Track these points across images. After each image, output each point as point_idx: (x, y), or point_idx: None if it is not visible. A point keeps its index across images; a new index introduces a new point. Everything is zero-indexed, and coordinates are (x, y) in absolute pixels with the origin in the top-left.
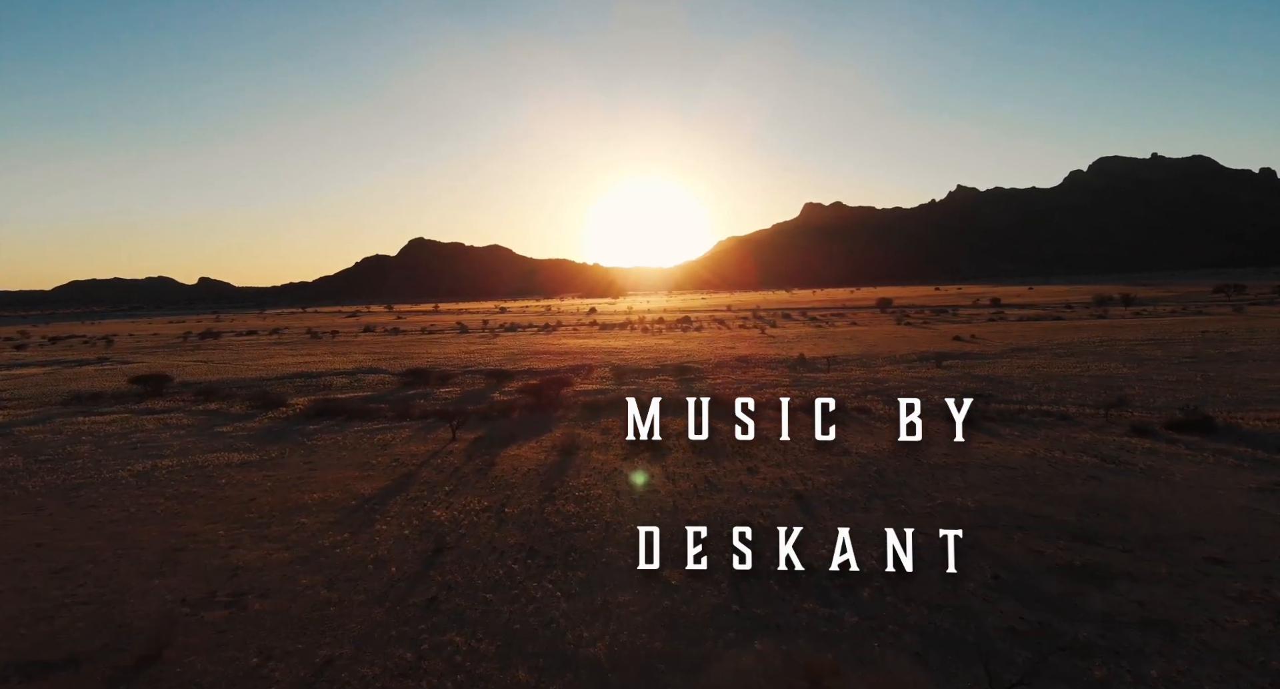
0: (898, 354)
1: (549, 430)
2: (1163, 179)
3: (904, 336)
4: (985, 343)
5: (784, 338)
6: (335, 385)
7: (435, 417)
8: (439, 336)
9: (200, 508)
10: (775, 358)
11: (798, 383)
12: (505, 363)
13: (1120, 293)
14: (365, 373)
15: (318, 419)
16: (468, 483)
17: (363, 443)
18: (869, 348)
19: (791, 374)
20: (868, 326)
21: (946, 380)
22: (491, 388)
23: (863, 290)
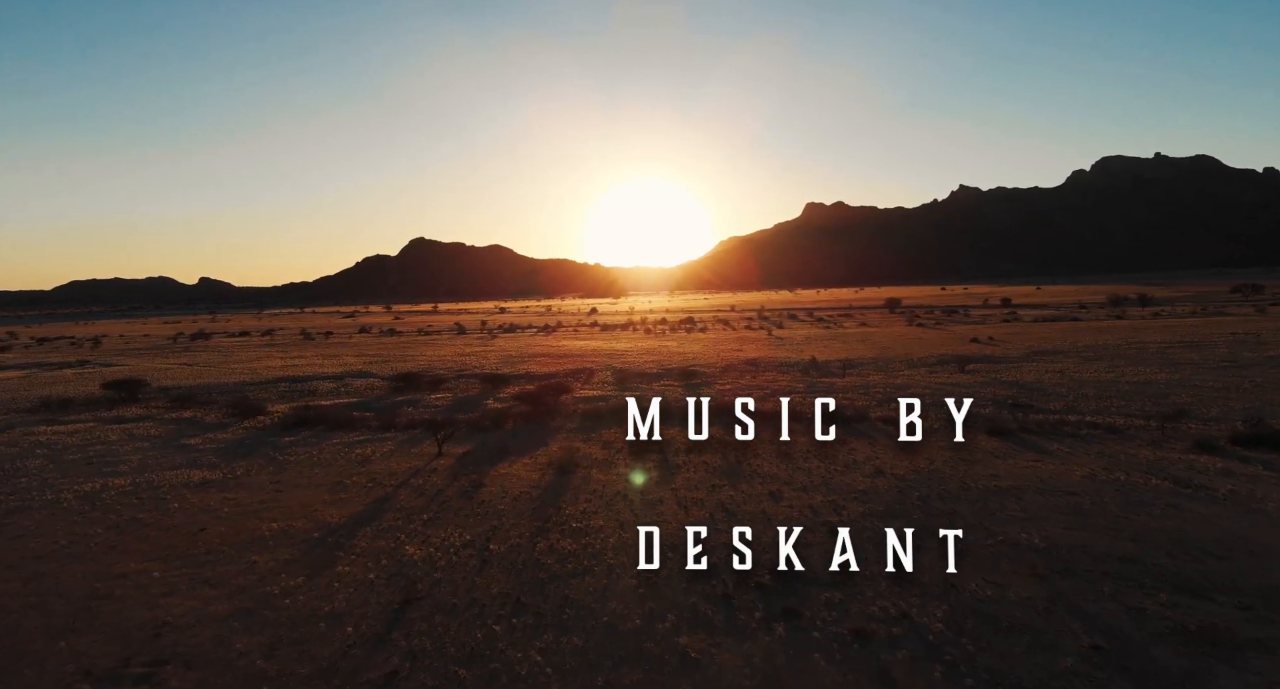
0: (915, 357)
1: (545, 444)
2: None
3: (918, 338)
4: (1005, 345)
5: (792, 339)
6: (321, 391)
7: (422, 427)
8: (435, 338)
9: (141, 540)
10: (785, 361)
11: (812, 389)
12: (502, 366)
13: (1136, 293)
14: (354, 377)
15: (295, 429)
16: (450, 509)
17: (339, 458)
18: (883, 350)
19: (805, 379)
20: (879, 328)
21: (973, 387)
22: (485, 394)
23: (867, 290)
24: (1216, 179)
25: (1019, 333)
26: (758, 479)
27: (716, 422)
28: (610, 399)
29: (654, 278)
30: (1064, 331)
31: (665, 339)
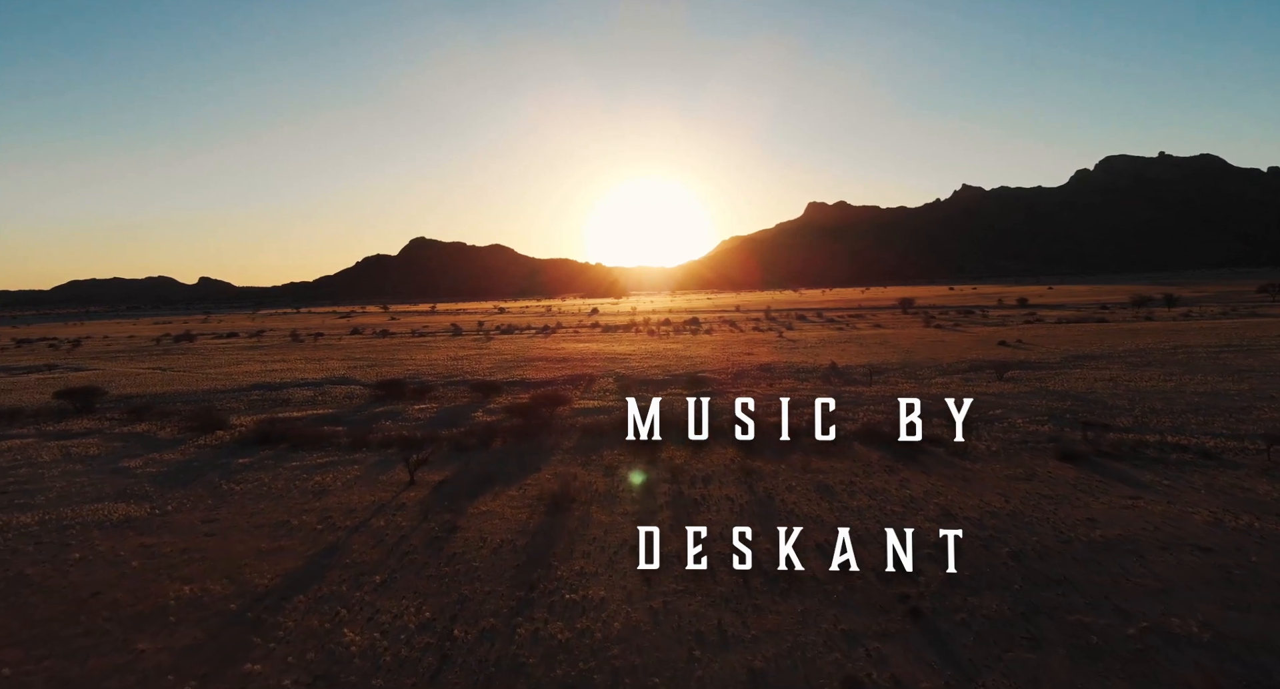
0: (944, 362)
1: (537, 468)
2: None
3: (940, 341)
4: (1038, 349)
5: (805, 342)
6: (295, 400)
7: (397, 446)
8: (429, 340)
9: (14, 610)
10: (802, 366)
11: (839, 399)
12: (495, 372)
13: (1161, 293)
14: (334, 384)
15: (254, 448)
16: (411, 566)
17: (293, 487)
18: (907, 354)
19: (827, 387)
20: (895, 329)
21: (1021, 398)
22: (475, 404)
23: (873, 290)
24: (1221, 178)
25: (1047, 335)
26: (794, 521)
27: (731, 436)
28: (613, 411)
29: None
30: (1095, 334)
31: (670, 341)
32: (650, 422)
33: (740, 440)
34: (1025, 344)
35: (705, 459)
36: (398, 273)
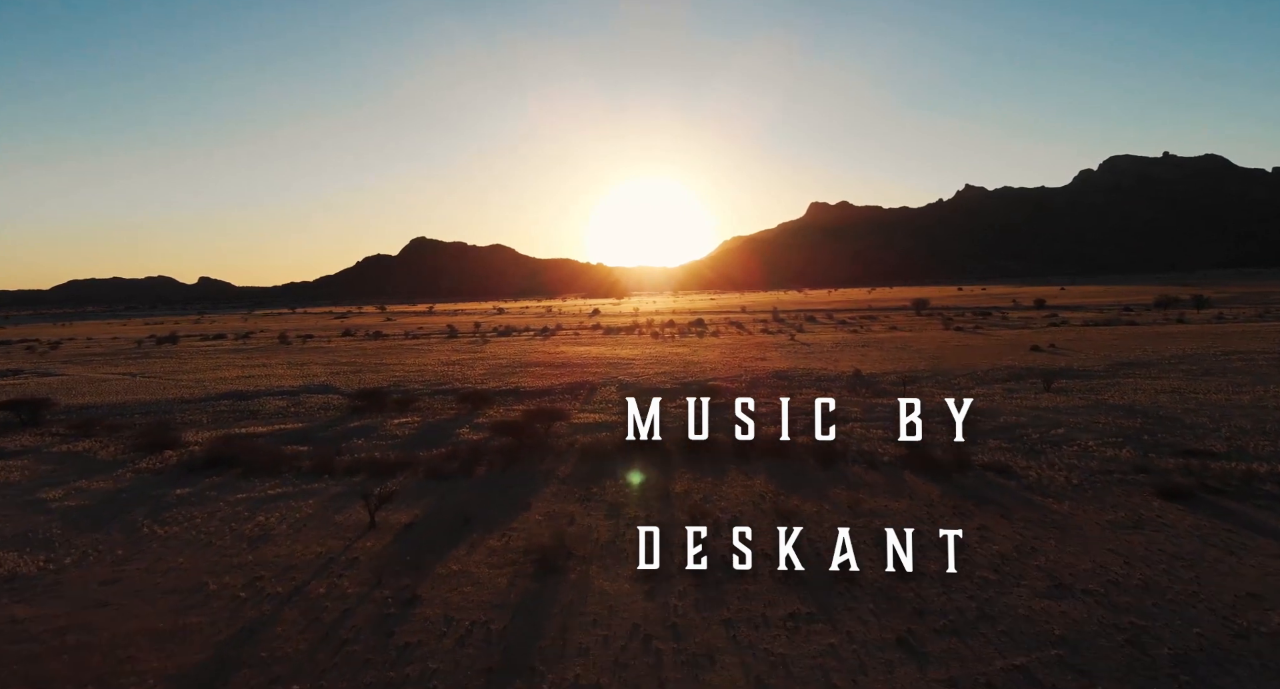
0: (978, 369)
1: (526, 504)
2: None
3: (966, 345)
4: (1075, 355)
5: (819, 346)
6: (266, 411)
7: (366, 473)
8: (422, 343)
9: None
10: (823, 374)
11: (872, 415)
12: (488, 379)
13: (1189, 295)
14: (312, 392)
15: (201, 474)
16: (347, 667)
17: (230, 530)
18: (935, 361)
19: (857, 400)
20: (914, 332)
21: (1080, 413)
22: (461, 418)
23: (879, 290)
24: (1226, 178)
25: (1079, 339)
26: (857, 624)
27: (756, 463)
28: (616, 427)
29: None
30: (1130, 338)
31: (675, 345)
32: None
33: (767, 465)
34: (1060, 349)
35: (727, 492)
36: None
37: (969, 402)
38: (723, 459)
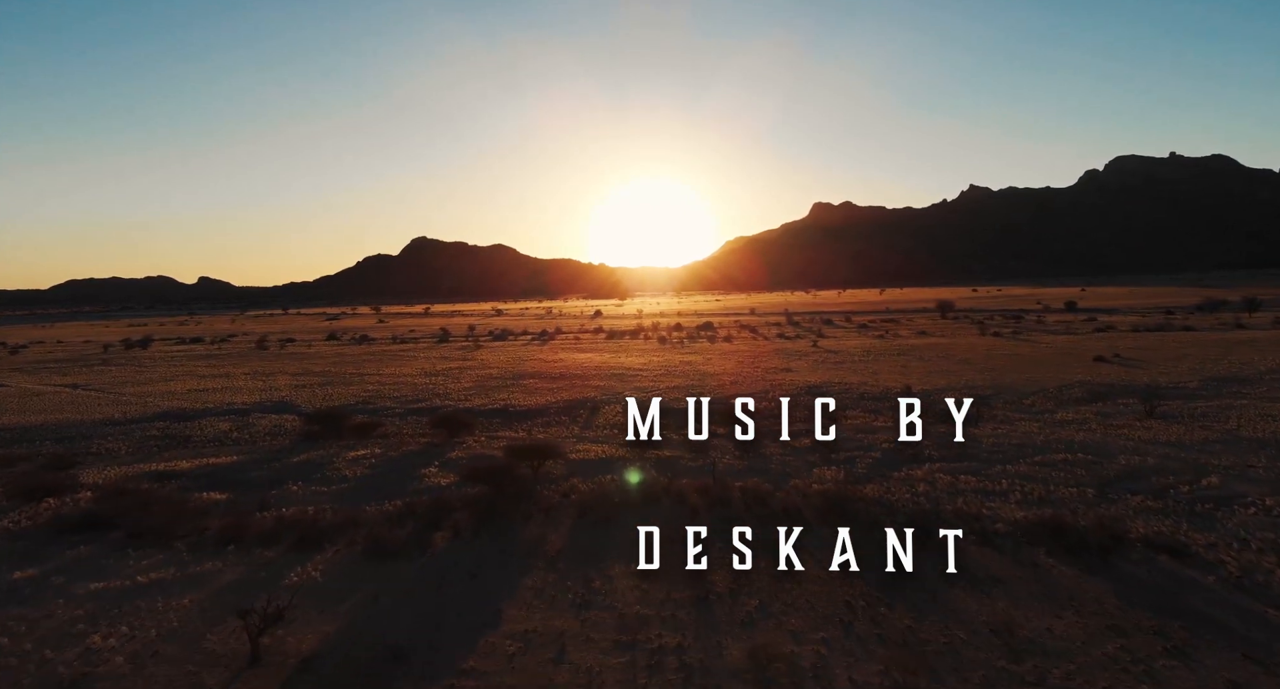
0: (1046, 385)
1: (492, 619)
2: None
3: (1016, 355)
4: (1152, 367)
5: (848, 354)
6: (202, 436)
7: (287, 544)
8: (409, 348)
9: None
10: (866, 391)
11: (954, 452)
12: (473, 394)
13: (1241, 297)
14: (265, 411)
15: (69, 539)
16: None
17: (40, 656)
18: (991, 373)
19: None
20: (948, 338)
21: (1218, 452)
22: (430, 452)
23: (889, 292)
24: (1232, 178)
25: (1140, 346)
26: None
27: (818, 529)
28: (620, 465)
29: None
30: (1198, 346)
31: (685, 351)
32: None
33: (842, 555)
34: (1129, 360)
35: (801, 597)
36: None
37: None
38: (772, 519)
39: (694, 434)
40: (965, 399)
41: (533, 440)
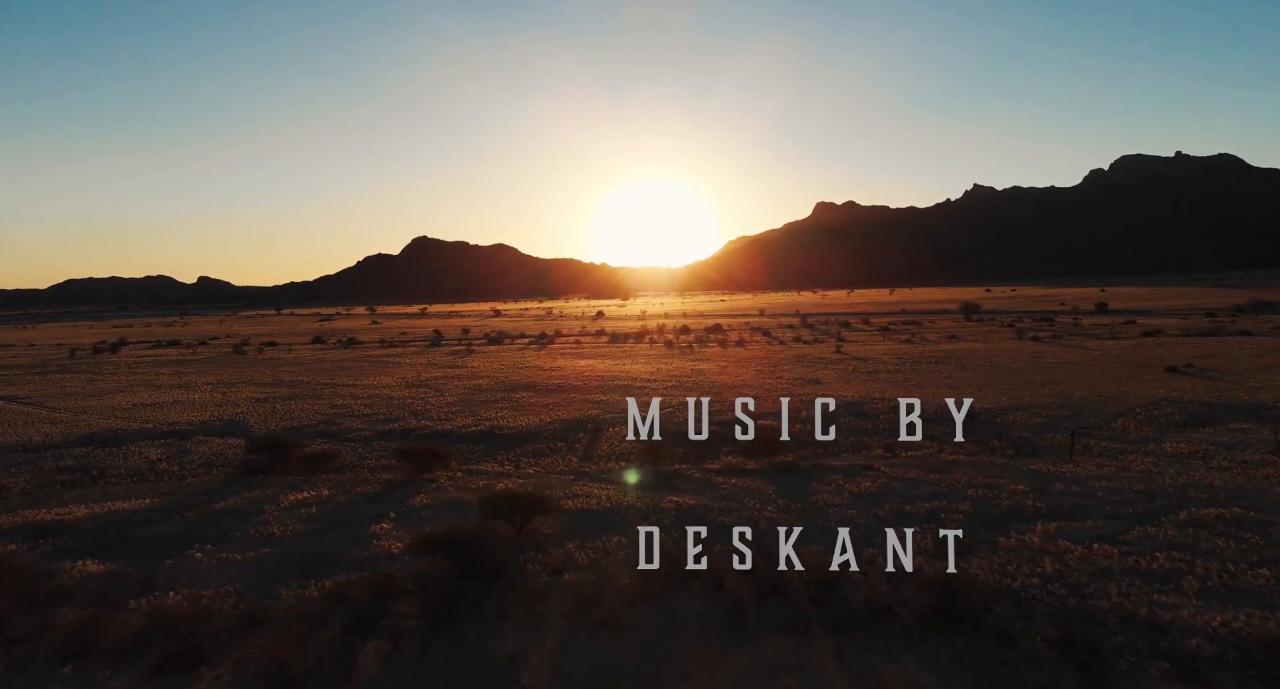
0: (1131, 404)
1: None
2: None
3: (1070, 363)
4: (1238, 380)
5: (879, 362)
6: (123, 468)
7: (151, 665)
8: (396, 354)
9: None
10: (918, 409)
11: (1047, 497)
12: (455, 413)
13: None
14: (211, 434)
15: None
16: None
17: None
18: (1055, 388)
19: (995, 460)
20: (982, 342)
21: None
22: (388, 496)
23: (900, 292)
24: (1239, 178)
25: (1212, 354)
26: None
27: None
28: (631, 517)
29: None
30: (1274, 352)
31: (696, 358)
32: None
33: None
34: (1206, 371)
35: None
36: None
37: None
38: (852, 623)
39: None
40: (1040, 421)
41: (514, 491)
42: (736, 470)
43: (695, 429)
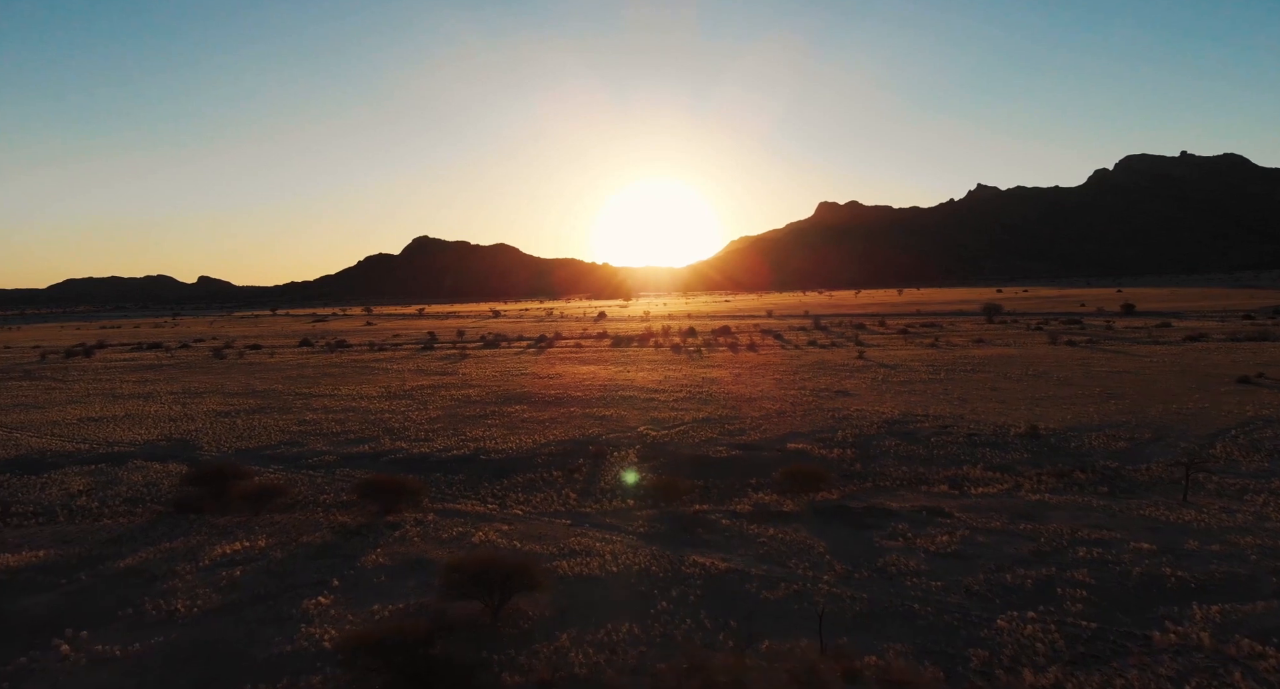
0: (1221, 425)
1: None
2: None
3: (1122, 373)
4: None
5: (909, 369)
6: (34, 503)
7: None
8: (384, 358)
9: None
10: (967, 429)
11: (1180, 558)
12: (437, 430)
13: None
14: (151, 457)
15: None
16: None
17: None
18: (1122, 404)
19: (1092, 500)
20: (1014, 347)
21: None
22: (339, 550)
23: (908, 292)
24: (1246, 178)
25: (1273, 362)
26: None
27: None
28: (648, 587)
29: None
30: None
31: (706, 364)
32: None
33: None
34: (1275, 381)
35: None
36: (400, 272)
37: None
38: None
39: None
40: (1123, 446)
41: (490, 561)
42: (772, 514)
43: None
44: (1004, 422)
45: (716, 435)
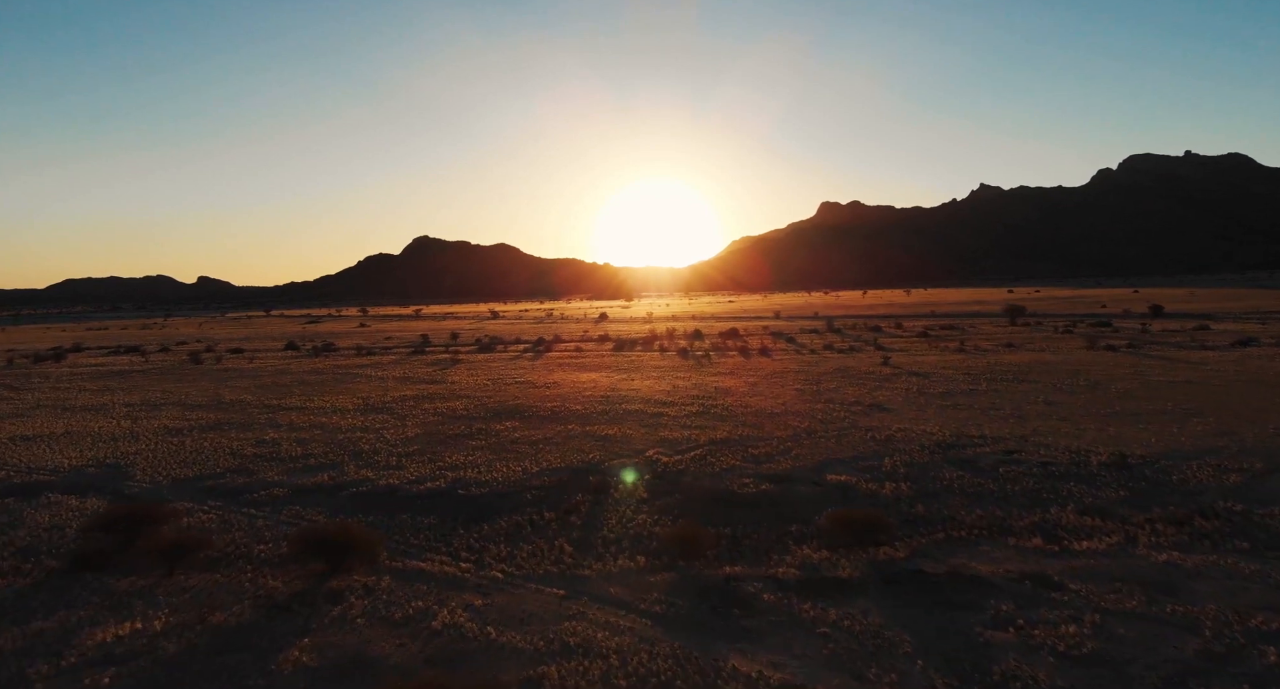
0: None
1: None
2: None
3: (1188, 383)
4: None
5: (943, 378)
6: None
7: None
8: (370, 363)
9: None
10: (1037, 456)
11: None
12: (412, 454)
13: None
14: (70, 489)
15: None
16: None
17: None
18: (1204, 421)
19: (1261, 579)
20: (1049, 353)
21: None
22: (264, 633)
23: (916, 292)
24: (1250, 178)
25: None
26: None
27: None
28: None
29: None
30: None
31: (717, 370)
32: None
33: None
34: None
35: None
36: (400, 272)
37: None
38: None
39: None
40: (1236, 480)
41: (440, 686)
42: (827, 583)
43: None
44: (1079, 446)
45: (739, 462)
